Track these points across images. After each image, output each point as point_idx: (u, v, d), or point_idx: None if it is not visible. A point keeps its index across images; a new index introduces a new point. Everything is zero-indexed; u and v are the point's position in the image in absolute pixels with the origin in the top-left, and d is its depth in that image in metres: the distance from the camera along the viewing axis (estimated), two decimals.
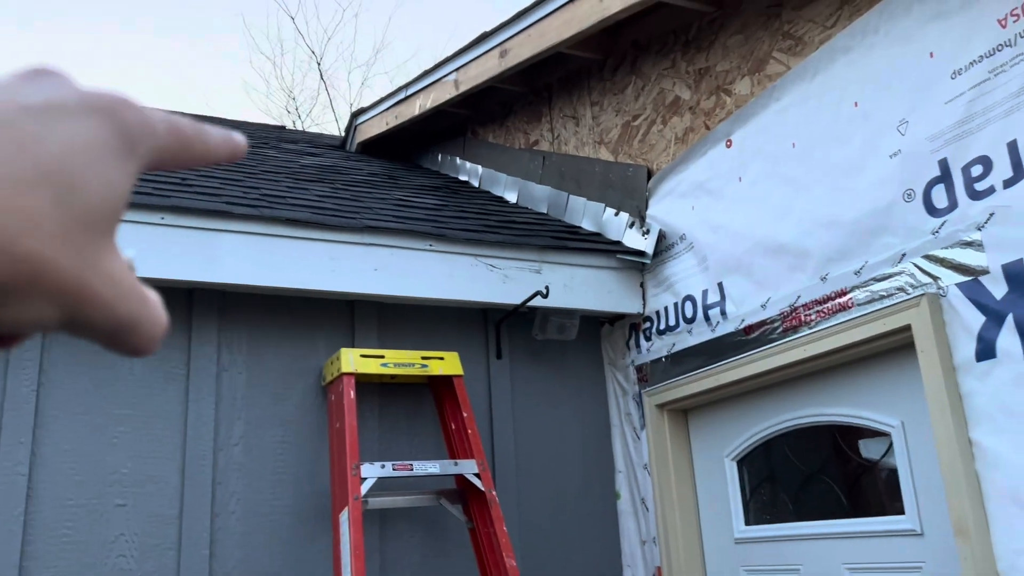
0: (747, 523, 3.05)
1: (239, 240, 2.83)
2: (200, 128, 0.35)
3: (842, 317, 2.55)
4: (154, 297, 0.32)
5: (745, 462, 3.10)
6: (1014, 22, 2.16)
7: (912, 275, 2.35)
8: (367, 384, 3.15)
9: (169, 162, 0.33)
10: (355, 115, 5.84)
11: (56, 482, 2.65)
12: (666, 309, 3.28)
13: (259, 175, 3.95)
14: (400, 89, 5.14)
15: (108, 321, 0.29)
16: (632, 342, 3.46)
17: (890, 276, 2.42)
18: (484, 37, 4.14)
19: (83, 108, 0.29)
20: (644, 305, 3.41)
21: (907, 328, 2.35)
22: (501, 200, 4.55)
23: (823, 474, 2.81)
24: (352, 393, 2.87)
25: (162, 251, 2.73)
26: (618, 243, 3.54)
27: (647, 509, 3.29)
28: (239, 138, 0.37)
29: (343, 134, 6.13)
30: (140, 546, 2.70)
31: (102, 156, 0.29)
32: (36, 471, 2.63)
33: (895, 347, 2.49)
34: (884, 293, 2.43)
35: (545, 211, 4.18)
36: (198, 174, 3.57)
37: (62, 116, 0.28)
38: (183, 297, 2.94)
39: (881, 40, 2.48)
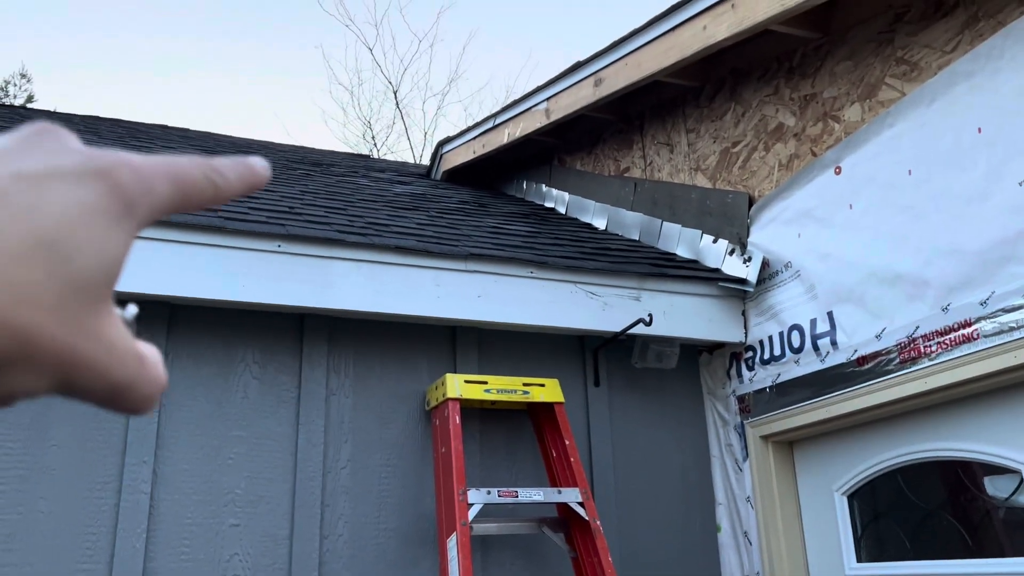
0: (859, 560, 2.95)
1: (351, 267, 2.90)
2: (210, 168, 0.33)
3: (966, 349, 2.47)
4: (151, 355, 0.31)
5: (856, 497, 3.00)
6: None
7: None
8: (468, 409, 3.17)
9: (180, 210, 0.32)
10: (441, 144, 5.94)
11: (175, 500, 2.73)
12: (770, 338, 3.22)
13: (357, 203, 4.05)
14: (488, 118, 5.22)
15: (103, 386, 0.28)
16: (733, 371, 3.41)
17: (1020, 307, 2.33)
18: (578, 66, 4.18)
19: (79, 172, 0.28)
20: (746, 334, 3.36)
21: None
22: (590, 227, 4.55)
23: (943, 511, 2.71)
24: (458, 418, 2.89)
25: (277, 278, 2.81)
26: (717, 270, 3.50)
27: (750, 543, 3.22)
28: (258, 167, 0.35)
29: (428, 162, 6.24)
30: (253, 566, 2.75)
31: (98, 221, 0.28)
32: (157, 489, 2.71)
33: None
34: (1014, 325, 2.34)
35: (637, 238, 4.17)
36: (303, 203, 3.68)
37: (58, 182, 0.28)
38: (295, 322, 3.02)
39: (1007, 64, 2.42)
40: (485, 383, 3.03)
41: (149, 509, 2.67)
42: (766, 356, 3.24)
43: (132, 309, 0.33)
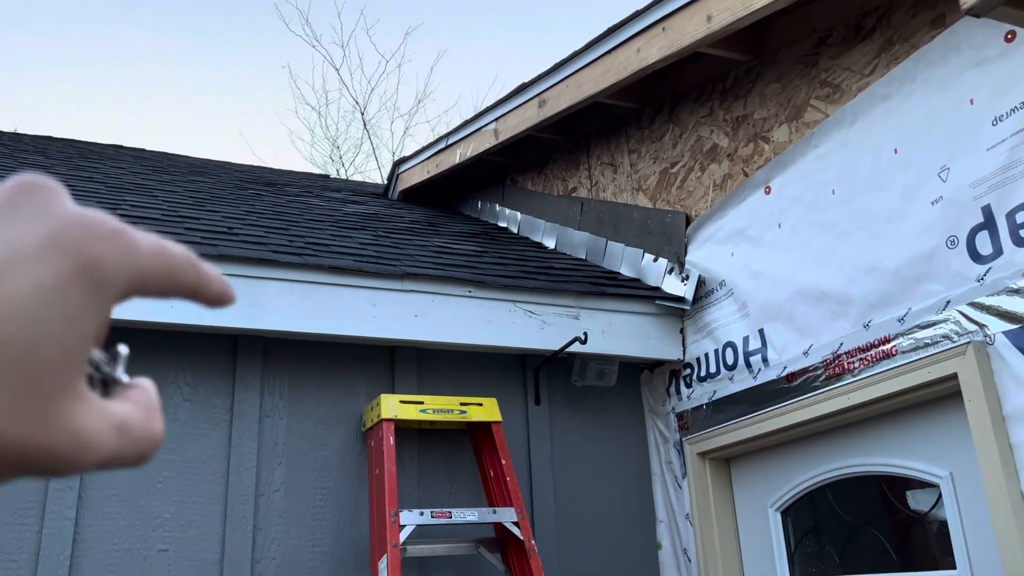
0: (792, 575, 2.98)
1: (284, 288, 2.89)
2: (193, 257, 0.32)
3: (886, 365, 2.51)
4: (137, 417, 0.29)
5: (789, 513, 3.03)
6: None
7: (958, 322, 2.31)
8: (406, 430, 3.16)
9: (153, 289, 0.30)
10: (397, 164, 5.96)
11: (102, 526, 2.69)
12: (707, 356, 3.26)
13: (303, 223, 4.04)
14: (441, 139, 5.25)
15: (71, 470, 0.26)
16: (672, 389, 3.44)
17: (935, 323, 2.38)
18: (523, 88, 4.22)
19: (43, 249, 0.26)
20: (684, 351, 3.39)
21: (953, 377, 2.30)
22: (540, 246, 4.58)
23: (870, 526, 2.74)
24: (392, 439, 2.89)
25: None
26: (657, 289, 3.53)
27: (689, 560, 3.23)
28: (229, 289, 0.34)
29: (385, 182, 6.25)
30: None
31: (61, 305, 0.25)
32: (83, 515, 2.67)
33: (942, 396, 2.43)
34: (929, 341, 2.39)
35: (583, 257, 4.20)
36: (245, 223, 3.67)
37: (19, 266, 0.25)
38: (228, 343, 3.00)
39: (919, 87, 2.48)
40: (421, 403, 3.03)
41: (73, 535, 2.63)
42: (703, 373, 3.27)
43: (123, 350, 0.31)
